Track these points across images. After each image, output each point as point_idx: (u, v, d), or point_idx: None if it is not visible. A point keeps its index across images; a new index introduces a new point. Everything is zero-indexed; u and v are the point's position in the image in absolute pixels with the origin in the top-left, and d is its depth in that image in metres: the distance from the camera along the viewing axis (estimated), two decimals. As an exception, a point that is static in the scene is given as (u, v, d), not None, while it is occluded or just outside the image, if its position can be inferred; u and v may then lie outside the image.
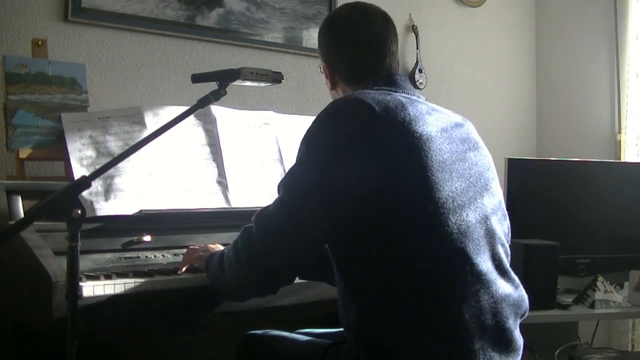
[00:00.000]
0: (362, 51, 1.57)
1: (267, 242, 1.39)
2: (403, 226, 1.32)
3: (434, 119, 1.43)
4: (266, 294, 1.52)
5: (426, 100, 1.54)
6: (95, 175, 1.38)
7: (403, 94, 1.48)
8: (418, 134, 1.36)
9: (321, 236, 1.39)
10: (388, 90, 1.49)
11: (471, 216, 1.36)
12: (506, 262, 1.44)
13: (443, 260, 1.32)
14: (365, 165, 1.32)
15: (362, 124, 1.35)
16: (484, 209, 1.40)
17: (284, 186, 1.41)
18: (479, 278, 1.33)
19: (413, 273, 1.31)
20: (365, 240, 1.34)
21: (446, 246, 1.32)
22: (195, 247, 1.75)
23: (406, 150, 1.34)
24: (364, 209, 1.32)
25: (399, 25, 3.27)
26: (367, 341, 1.35)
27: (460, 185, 1.38)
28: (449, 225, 1.32)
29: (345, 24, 1.60)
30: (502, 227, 1.47)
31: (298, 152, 1.42)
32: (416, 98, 1.50)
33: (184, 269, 1.71)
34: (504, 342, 1.37)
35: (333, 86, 1.63)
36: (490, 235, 1.39)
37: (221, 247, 1.70)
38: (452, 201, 1.34)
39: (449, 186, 1.35)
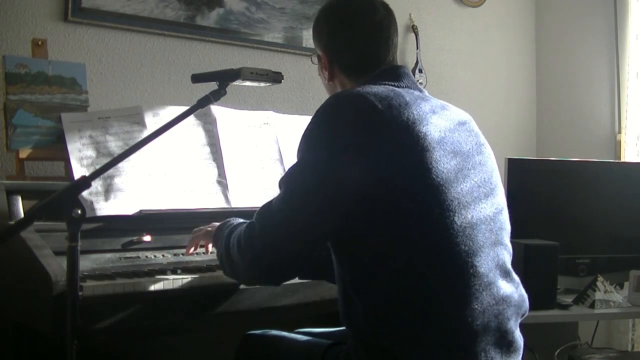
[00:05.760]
0: (365, 40, 1.51)
1: (269, 240, 1.37)
2: (406, 228, 1.30)
3: (439, 117, 1.40)
4: (269, 285, 1.65)
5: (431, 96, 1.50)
6: (95, 175, 1.38)
7: (407, 90, 1.44)
8: (423, 134, 1.33)
9: (322, 234, 1.37)
10: (392, 85, 1.44)
11: (476, 217, 1.35)
12: (508, 262, 1.43)
13: (446, 262, 1.31)
14: (367, 164, 1.30)
15: (363, 122, 1.32)
16: (488, 210, 1.39)
17: (284, 183, 1.39)
18: (482, 280, 1.32)
19: (416, 275, 1.30)
20: (367, 241, 1.33)
21: (450, 248, 1.31)
22: (200, 228, 1.75)
23: (410, 151, 1.32)
24: (366, 209, 1.30)
25: (399, 25, 3.26)
26: (368, 341, 1.35)
27: (466, 186, 1.36)
28: (453, 229, 1.31)
29: (348, 11, 1.54)
30: (505, 226, 1.46)
31: (298, 149, 1.40)
32: (419, 94, 1.46)
33: (190, 250, 1.77)
34: (506, 343, 1.37)
35: (330, 77, 1.56)
36: (493, 235, 1.38)
37: None
38: (458, 203, 1.32)
39: (455, 187, 1.33)
